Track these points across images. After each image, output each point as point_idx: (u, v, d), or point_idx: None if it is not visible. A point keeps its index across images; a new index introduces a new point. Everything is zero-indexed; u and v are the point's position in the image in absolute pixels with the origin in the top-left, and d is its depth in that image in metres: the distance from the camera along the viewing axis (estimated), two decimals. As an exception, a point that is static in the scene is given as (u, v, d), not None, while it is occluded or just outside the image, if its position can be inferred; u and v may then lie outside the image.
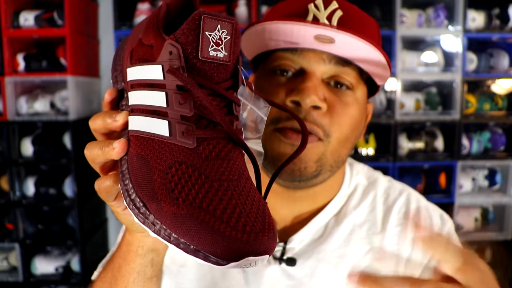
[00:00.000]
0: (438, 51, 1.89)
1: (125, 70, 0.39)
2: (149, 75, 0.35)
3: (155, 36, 0.35)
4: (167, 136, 0.33)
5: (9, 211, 1.88)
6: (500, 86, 2.01)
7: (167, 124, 0.33)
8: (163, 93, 0.34)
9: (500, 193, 2.00)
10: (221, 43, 0.33)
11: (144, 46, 0.36)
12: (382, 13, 1.87)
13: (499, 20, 1.89)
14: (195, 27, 0.32)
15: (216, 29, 0.33)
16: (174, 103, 0.33)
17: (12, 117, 1.84)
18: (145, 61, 0.36)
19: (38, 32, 1.82)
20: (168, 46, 0.33)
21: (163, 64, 0.34)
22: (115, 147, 0.36)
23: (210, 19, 0.32)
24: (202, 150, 0.33)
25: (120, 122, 0.38)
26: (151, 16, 0.38)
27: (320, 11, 0.53)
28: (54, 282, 1.92)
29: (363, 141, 1.91)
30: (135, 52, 0.38)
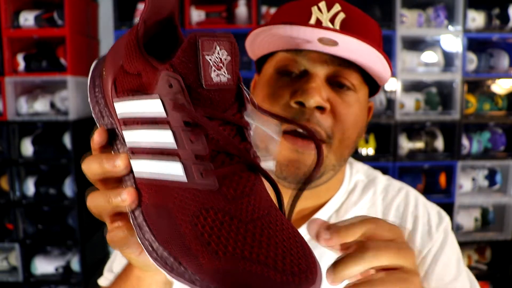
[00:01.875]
0: (438, 51, 1.90)
1: (111, 104, 0.35)
2: (146, 111, 0.31)
3: (142, 63, 0.32)
4: (185, 181, 0.30)
5: (9, 211, 1.89)
6: (500, 86, 2.01)
7: (181, 166, 0.30)
8: (169, 132, 0.30)
9: (500, 193, 2.00)
10: (223, 66, 0.30)
11: (129, 75, 0.33)
12: (382, 13, 1.87)
13: (499, 20, 1.89)
14: (192, 52, 0.29)
15: (215, 50, 0.30)
16: (185, 142, 0.30)
17: (12, 117, 1.84)
18: (135, 93, 0.32)
19: (38, 32, 1.82)
20: (166, 78, 0.30)
21: (163, 99, 0.30)
22: (125, 199, 0.33)
23: (208, 40, 0.29)
24: (226, 190, 0.30)
25: (122, 168, 0.34)
26: (129, 38, 0.34)
27: (323, 14, 0.54)
28: (54, 282, 1.93)
29: (363, 141, 1.91)
30: (119, 82, 0.34)
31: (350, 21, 0.54)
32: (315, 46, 0.54)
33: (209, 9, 1.86)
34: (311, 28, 0.51)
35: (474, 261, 2.04)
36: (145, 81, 0.32)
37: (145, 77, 0.32)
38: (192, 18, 1.84)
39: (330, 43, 0.52)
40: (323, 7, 0.54)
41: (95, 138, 0.36)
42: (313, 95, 0.52)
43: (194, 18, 1.85)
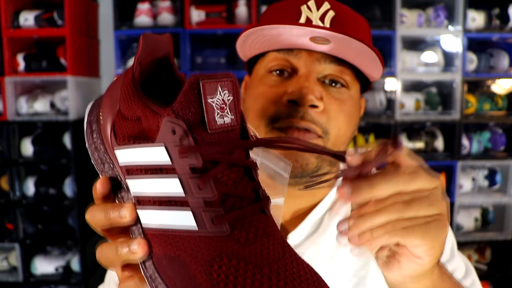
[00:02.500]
0: (438, 51, 1.90)
1: (111, 151, 0.34)
2: (150, 158, 0.30)
3: (141, 108, 0.31)
4: (195, 230, 0.29)
5: (9, 211, 1.89)
6: (500, 86, 2.01)
7: (191, 215, 0.29)
8: (176, 180, 0.29)
9: (500, 193, 2.00)
10: (226, 107, 0.29)
11: (128, 120, 0.32)
12: (382, 13, 1.87)
13: (499, 20, 1.89)
14: (195, 97, 0.28)
15: (217, 92, 0.29)
16: (193, 189, 0.29)
17: (12, 117, 1.84)
18: (137, 140, 0.31)
19: (38, 32, 1.82)
20: (169, 124, 0.29)
21: (167, 146, 0.29)
22: (136, 252, 0.32)
23: (209, 83, 0.29)
24: (238, 234, 0.29)
25: (129, 219, 0.33)
26: (124, 80, 0.33)
27: (313, 12, 0.54)
28: (54, 282, 1.93)
29: (363, 141, 1.91)
30: (118, 128, 0.33)
31: (340, 18, 0.55)
32: (306, 45, 0.54)
33: (209, 9, 1.86)
34: (302, 27, 0.51)
35: (474, 261, 2.04)
36: (146, 126, 0.31)
37: (145, 122, 0.31)
38: (192, 18, 1.85)
39: (321, 41, 0.53)
40: (313, 6, 0.55)
41: (98, 188, 0.35)
42: (307, 94, 0.53)
43: (194, 18, 1.85)
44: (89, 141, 0.37)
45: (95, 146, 0.36)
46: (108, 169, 0.35)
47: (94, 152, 0.36)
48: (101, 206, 0.35)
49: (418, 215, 0.34)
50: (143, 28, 1.85)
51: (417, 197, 0.34)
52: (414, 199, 0.34)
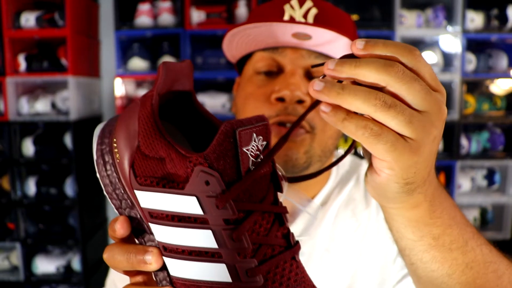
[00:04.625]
0: (437, 52, 1.90)
1: (130, 190, 0.32)
2: (179, 207, 0.29)
3: (165, 149, 0.29)
4: (229, 282, 0.28)
5: (10, 211, 1.89)
6: (499, 87, 2.01)
7: (225, 268, 0.28)
8: (209, 232, 0.28)
9: (499, 193, 2.00)
10: (260, 153, 0.29)
11: (149, 159, 0.30)
12: (381, 14, 1.88)
13: (498, 21, 1.90)
14: (230, 146, 0.27)
15: (252, 139, 0.28)
16: (227, 241, 0.28)
17: (13, 117, 1.85)
18: (161, 183, 0.29)
19: (39, 32, 1.83)
20: (202, 175, 0.27)
21: (199, 197, 0.28)
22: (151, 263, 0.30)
23: (245, 131, 0.27)
24: (271, 284, 0.28)
25: (155, 265, 0.31)
26: (143, 114, 0.31)
27: (295, 10, 0.56)
28: (55, 282, 1.93)
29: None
30: (139, 167, 0.31)
31: (322, 15, 0.56)
32: (290, 42, 0.55)
33: (209, 9, 1.87)
34: (283, 24, 0.53)
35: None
36: (171, 169, 0.29)
37: (170, 164, 0.29)
38: (193, 19, 1.85)
39: (304, 37, 0.54)
40: (295, 4, 0.56)
41: (118, 229, 0.32)
42: (292, 90, 0.54)
43: (194, 18, 1.86)
44: (102, 173, 0.34)
45: (110, 180, 0.33)
46: (125, 207, 0.33)
47: (108, 186, 0.34)
48: (122, 248, 0.32)
49: (390, 125, 0.30)
50: (144, 29, 1.86)
51: (399, 106, 0.30)
52: (395, 105, 0.29)
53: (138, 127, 0.31)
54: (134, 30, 1.87)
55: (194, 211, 0.28)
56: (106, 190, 0.34)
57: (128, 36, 1.90)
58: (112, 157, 0.33)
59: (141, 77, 1.94)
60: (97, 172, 0.34)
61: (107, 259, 0.33)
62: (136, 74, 1.92)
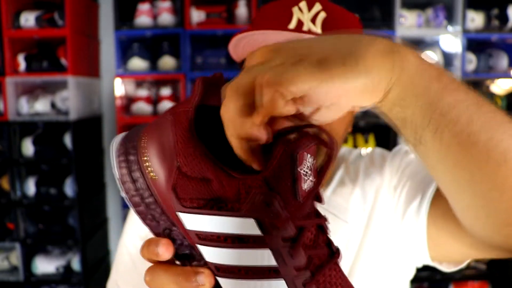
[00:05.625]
0: (438, 52, 1.90)
1: (172, 213, 0.31)
2: (235, 229, 0.29)
3: (211, 170, 0.29)
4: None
5: (10, 211, 1.89)
6: (499, 87, 2.01)
7: (283, 283, 0.29)
8: (267, 251, 0.28)
9: (499, 193, 2.00)
10: (310, 172, 0.29)
11: (193, 180, 0.30)
12: (381, 14, 1.88)
13: (498, 21, 1.89)
14: (288, 167, 0.28)
15: (306, 159, 0.29)
16: (286, 259, 0.28)
17: (13, 117, 1.85)
18: (209, 204, 0.29)
19: (39, 32, 1.83)
20: (260, 197, 0.28)
21: (259, 218, 0.28)
22: (204, 284, 0.30)
23: (302, 153, 0.28)
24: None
25: (208, 287, 0.30)
26: (180, 130, 0.30)
27: (304, 14, 0.55)
28: (55, 282, 1.93)
29: (363, 141, 1.91)
30: (182, 189, 0.30)
31: (331, 20, 0.55)
32: None
33: (209, 9, 1.87)
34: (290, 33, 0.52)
35: (473, 260, 2.05)
36: (219, 191, 0.29)
37: (218, 186, 0.29)
38: (192, 19, 1.85)
39: None
40: (304, 7, 0.55)
41: (161, 252, 0.31)
42: None
43: (194, 18, 1.85)
44: (131, 192, 0.32)
45: (143, 201, 0.32)
46: (163, 228, 0.32)
47: (139, 205, 0.32)
48: (169, 271, 0.31)
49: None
50: (144, 29, 1.86)
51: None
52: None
53: (175, 146, 0.30)
54: (134, 30, 1.87)
55: (251, 232, 0.28)
56: (137, 210, 0.33)
57: (128, 36, 1.90)
58: (143, 176, 0.32)
59: (141, 77, 1.94)
60: (124, 191, 0.33)
61: (151, 281, 0.32)
62: (136, 74, 1.92)
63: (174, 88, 1.95)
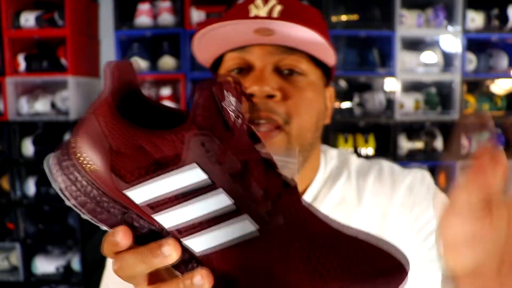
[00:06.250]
0: (438, 52, 1.90)
1: (119, 194, 0.30)
2: (182, 183, 0.28)
3: (141, 136, 0.29)
4: (257, 229, 0.29)
5: (10, 211, 1.89)
6: (499, 86, 2.01)
7: (248, 218, 0.29)
8: (220, 192, 0.28)
9: (499, 193, 2.00)
10: (237, 112, 0.30)
11: (127, 154, 0.29)
12: (381, 14, 1.87)
13: (498, 21, 1.89)
14: (210, 103, 0.28)
15: (225, 96, 0.29)
16: (241, 194, 0.29)
17: (13, 117, 1.85)
18: (150, 171, 0.29)
19: (39, 32, 1.83)
20: (195, 140, 0.28)
21: (199, 162, 0.28)
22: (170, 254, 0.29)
23: (223, 90, 0.29)
24: (292, 222, 0.30)
25: (175, 254, 0.29)
26: (103, 115, 0.30)
27: (260, 9, 0.56)
28: (55, 282, 1.93)
29: (363, 141, 1.92)
30: (120, 167, 0.30)
31: (287, 11, 0.56)
32: (255, 40, 0.56)
33: (209, 9, 1.87)
34: (244, 21, 0.53)
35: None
36: (155, 153, 0.29)
37: (153, 149, 0.29)
38: (192, 19, 1.85)
39: (266, 32, 0.54)
40: (260, 3, 0.56)
41: (120, 239, 0.30)
42: (261, 85, 0.54)
43: (194, 18, 1.85)
44: (73, 194, 0.32)
45: (88, 197, 0.32)
46: (116, 216, 0.31)
47: (86, 203, 0.32)
48: (133, 252, 0.30)
49: None
50: (144, 29, 1.86)
51: None
52: None
53: (102, 130, 0.30)
54: (134, 30, 1.87)
55: (197, 179, 0.28)
56: (87, 209, 0.32)
57: (128, 36, 1.90)
58: (82, 173, 0.31)
59: (141, 77, 1.94)
60: (70, 198, 0.32)
61: (119, 269, 0.30)
62: (136, 74, 1.92)
63: (174, 88, 1.95)
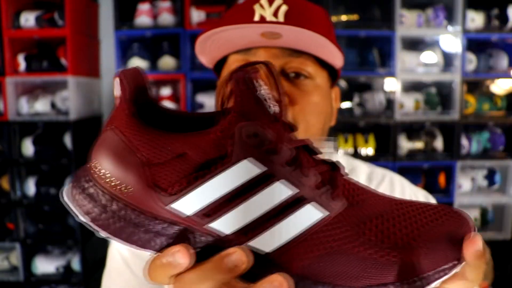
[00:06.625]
0: (438, 52, 1.90)
1: (163, 211, 0.27)
2: (237, 180, 0.26)
3: (182, 144, 0.27)
4: (326, 215, 0.28)
5: (10, 211, 1.89)
6: (499, 86, 2.01)
7: (314, 206, 0.27)
8: (281, 183, 0.27)
9: (499, 193, 2.00)
10: (270, 99, 0.28)
11: (166, 163, 0.27)
12: (381, 14, 1.87)
13: (498, 21, 1.89)
14: (251, 92, 0.27)
15: (261, 85, 0.28)
16: (303, 181, 0.27)
17: (13, 117, 1.85)
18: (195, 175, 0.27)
19: (39, 32, 1.83)
20: (245, 131, 0.26)
21: (253, 155, 0.26)
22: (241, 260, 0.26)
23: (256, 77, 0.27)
24: (351, 199, 0.29)
25: (246, 263, 0.26)
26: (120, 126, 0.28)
27: (265, 9, 0.54)
28: (55, 282, 1.93)
29: (363, 141, 1.91)
30: (159, 180, 0.27)
31: (293, 11, 0.54)
32: (261, 42, 0.54)
33: (209, 9, 1.87)
34: (250, 25, 0.52)
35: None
36: (198, 156, 0.27)
37: (195, 152, 0.27)
38: (192, 19, 1.85)
39: (273, 36, 0.53)
40: (265, 3, 0.54)
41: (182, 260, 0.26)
42: None
43: (194, 18, 1.85)
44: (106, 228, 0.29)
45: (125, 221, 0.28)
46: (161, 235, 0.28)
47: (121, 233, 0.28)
48: (196, 271, 0.27)
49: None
50: (144, 29, 1.86)
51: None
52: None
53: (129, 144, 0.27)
54: (134, 30, 1.87)
55: (254, 172, 0.26)
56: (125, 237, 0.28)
57: (128, 36, 1.90)
58: (116, 200, 0.28)
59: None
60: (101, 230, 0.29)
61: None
62: (136, 74, 1.92)
63: (174, 88, 1.95)
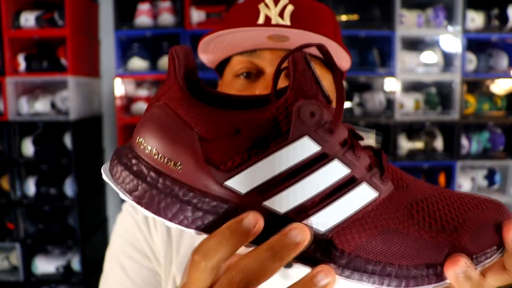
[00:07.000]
0: (438, 52, 1.90)
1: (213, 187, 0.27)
2: (293, 159, 0.26)
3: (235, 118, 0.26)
4: (377, 196, 0.28)
5: (10, 211, 1.89)
6: (499, 86, 2.01)
7: (367, 186, 0.28)
8: (336, 162, 0.27)
9: (499, 193, 2.00)
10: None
11: (221, 139, 0.26)
12: (381, 14, 1.87)
13: (498, 21, 1.89)
14: (308, 73, 0.27)
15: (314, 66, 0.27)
16: (355, 161, 0.27)
17: (13, 117, 1.85)
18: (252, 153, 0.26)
19: (39, 32, 1.83)
20: (303, 110, 0.26)
21: (310, 134, 0.26)
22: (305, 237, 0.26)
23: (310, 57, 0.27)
24: (397, 183, 0.29)
25: (307, 239, 0.25)
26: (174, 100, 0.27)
27: (271, 9, 0.53)
28: (55, 282, 1.93)
29: (363, 141, 1.92)
30: (212, 157, 0.26)
31: (299, 12, 0.53)
32: (267, 44, 0.54)
33: (209, 9, 1.87)
34: (257, 28, 0.51)
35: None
36: (256, 132, 0.26)
37: (251, 128, 0.26)
38: (192, 19, 1.85)
39: (280, 39, 0.52)
40: (270, 3, 0.53)
41: (258, 224, 0.25)
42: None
43: (194, 18, 1.85)
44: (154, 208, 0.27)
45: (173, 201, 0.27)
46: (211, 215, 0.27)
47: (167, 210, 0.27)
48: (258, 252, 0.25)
49: None
50: (144, 29, 1.86)
51: None
52: None
53: (182, 120, 0.27)
54: (134, 30, 1.87)
55: (310, 152, 0.26)
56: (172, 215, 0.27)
57: (128, 36, 1.90)
58: (163, 178, 0.27)
59: (140, 77, 1.94)
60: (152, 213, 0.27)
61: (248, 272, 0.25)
62: (136, 74, 1.92)
63: (174, 88, 1.95)
